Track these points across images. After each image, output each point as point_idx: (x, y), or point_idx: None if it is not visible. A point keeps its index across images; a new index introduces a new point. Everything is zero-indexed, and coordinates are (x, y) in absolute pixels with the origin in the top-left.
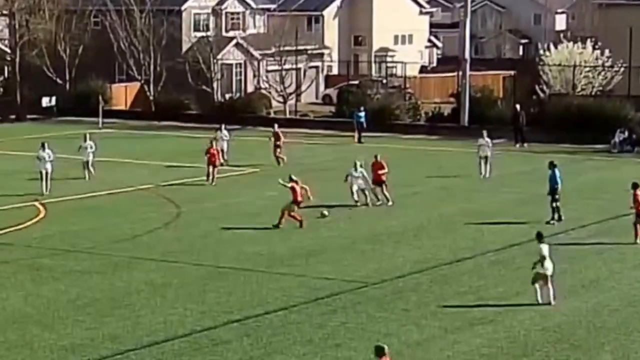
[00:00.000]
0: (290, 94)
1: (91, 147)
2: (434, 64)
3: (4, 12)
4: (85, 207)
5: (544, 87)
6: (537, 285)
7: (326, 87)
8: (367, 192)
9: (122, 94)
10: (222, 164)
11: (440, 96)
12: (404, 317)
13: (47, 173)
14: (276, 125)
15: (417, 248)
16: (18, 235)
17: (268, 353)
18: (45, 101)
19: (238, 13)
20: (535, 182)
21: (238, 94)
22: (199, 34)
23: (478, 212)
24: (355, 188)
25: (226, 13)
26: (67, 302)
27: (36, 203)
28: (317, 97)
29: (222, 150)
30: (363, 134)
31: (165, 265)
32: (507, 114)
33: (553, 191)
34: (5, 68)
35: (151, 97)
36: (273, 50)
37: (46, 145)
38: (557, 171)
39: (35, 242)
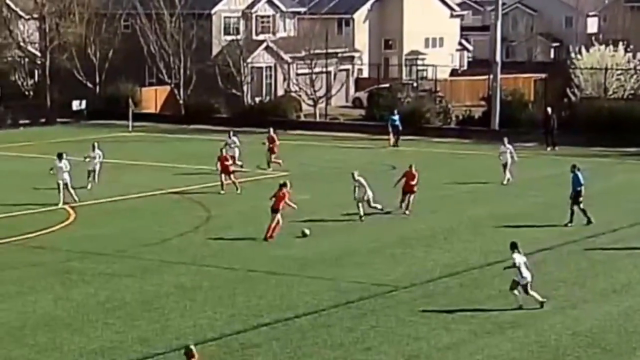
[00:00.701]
0: (321, 97)
1: (99, 157)
2: (465, 67)
3: (35, 15)
4: (115, 211)
5: (575, 91)
6: (515, 292)
7: (356, 90)
8: (360, 205)
9: (152, 98)
10: (241, 167)
11: (470, 99)
12: (433, 321)
13: (65, 184)
14: (271, 130)
15: (447, 251)
16: (48, 239)
17: (298, 356)
18: (75, 104)
19: (268, 16)
20: (566, 186)
21: (268, 98)
22: (229, 38)
23: (508, 215)
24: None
25: (256, 16)
26: (97, 305)
27: (66, 207)
28: (347, 101)
29: (234, 157)
30: (399, 137)
31: (195, 269)
32: (538, 117)
33: (576, 194)
34: (36, 71)
35: (181, 101)
36: (303, 53)
37: (64, 155)
38: (579, 174)
39: (65, 245)
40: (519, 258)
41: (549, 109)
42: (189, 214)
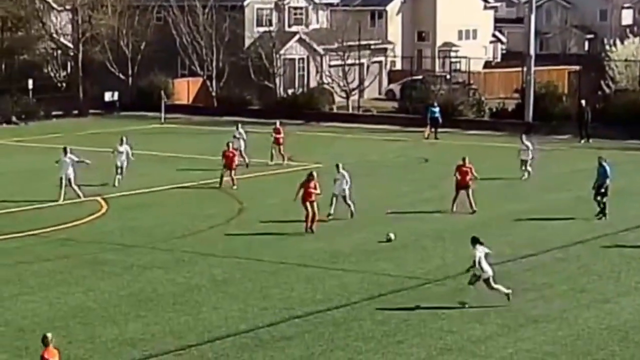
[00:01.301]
0: (353, 89)
1: (127, 152)
2: (498, 59)
3: (67, 7)
4: (147, 203)
5: (610, 83)
6: (472, 287)
7: (389, 82)
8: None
9: (185, 89)
10: (246, 164)
11: (504, 92)
12: (466, 314)
13: (68, 179)
14: (278, 122)
15: None
16: (80, 230)
17: (330, 349)
18: (107, 96)
19: (301, 8)
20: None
21: (300, 90)
22: (261, 29)
23: (541, 208)
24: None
25: (289, 8)
26: (129, 297)
27: (98, 198)
28: (380, 93)
29: (240, 150)
30: (438, 129)
31: (227, 261)
32: (572, 110)
33: (599, 187)
34: (68, 63)
35: (213, 93)
36: (336, 45)
37: (68, 150)
38: (607, 167)
39: (97, 237)
40: (479, 252)
41: (583, 102)
42: (221, 206)
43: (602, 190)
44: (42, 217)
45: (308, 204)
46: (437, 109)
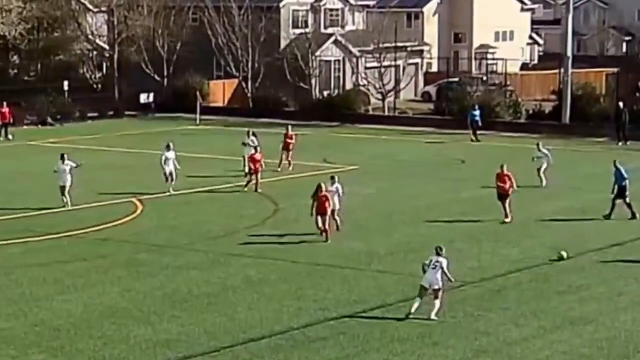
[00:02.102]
0: (389, 90)
1: (174, 158)
2: (535, 61)
3: (103, 8)
4: (182, 203)
5: None
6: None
7: (425, 84)
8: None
9: (220, 91)
10: (245, 173)
11: (541, 93)
12: (502, 316)
13: (64, 186)
14: (289, 127)
15: (516, 246)
16: (115, 231)
17: (365, 350)
18: (143, 97)
19: (337, 9)
20: (637, 181)
21: (336, 91)
22: (297, 31)
23: (578, 210)
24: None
25: (325, 9)
26: (163, 297)
27: (133, 199)
28: (416, 94)
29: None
30: (478, 132)
31: (262, 262)
32: (609, 111)
33: (620, 189)
34: (104, 64)
35: (249, 94)
36: (372, 47)
37: (66, 156)
38: (621, 169)
39: (132, 237)
40: (432, 261)
41: (621, 103)
42: (256, 207)
43: (626, 192)
44: (78, 217)
45: (319, 217)
46: (477, 112)
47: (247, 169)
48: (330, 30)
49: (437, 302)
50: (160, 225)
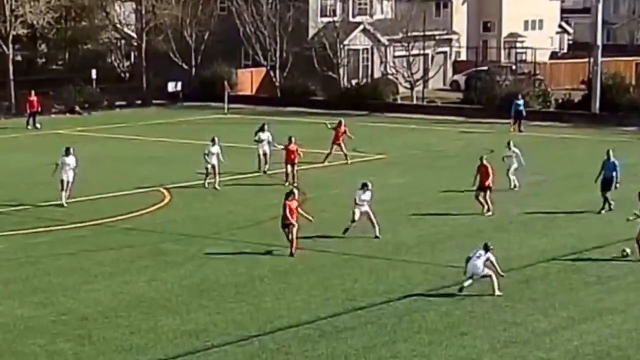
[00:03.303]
0: (418, 80)
1: (218, 153)
2: (565, 50)
3: None
4: (209, 193)
5: None
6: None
7: (454, 73)
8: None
9: (248, 80)
10: (264, 171)
11: (570, 83)
12: (531, 306)
13: (68, 182)
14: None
15: (545, 236)
16: (143, 220)
17: (392, 341)
18: (171, 86)
19: None
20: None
21: (364, 80)
22: (325, 20)
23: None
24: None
25: None
26: (191, 287)
27: (161, 188)
28: (444, 83)
29: (265, 155)
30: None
31: (289, 252)
32: (639, 101)
33: (608, 181)
34: (132, 53)
35: (277, 83)
36: (400, 35)
37: (71, 150)
38: (614, 161)
39: (159, 227)
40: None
41: None
42: (282, 197)
43: (609, 184)
44: (106, 206)
45: (285, 228)
46: (521, 102)
47: (262, 166)
48: (358, 19)
49: (494, 279)
50: (187, 215)
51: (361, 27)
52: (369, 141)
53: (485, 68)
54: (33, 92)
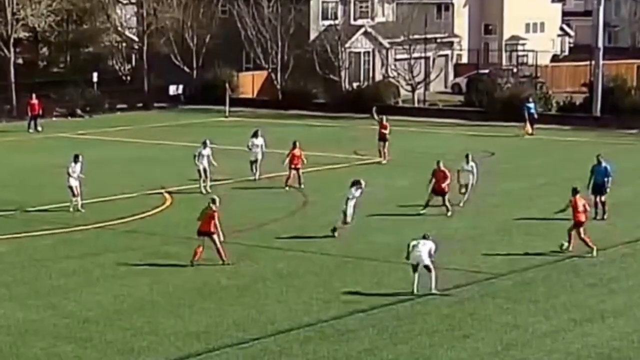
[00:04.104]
0: (419, 82)
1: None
2: (566, 53)
3: (132, 0)
4: (210, 196)
5: None
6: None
7: (455, 76)
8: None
9: (249, 83)
10: (254, 179)
11: (572, 85)
12: (532, 309)
13: (70, 186)
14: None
15: (547, 239)
16: (145, 223)
17: (394, 343)
18: (172, 89)
19: (366, 1)
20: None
21: (366, 83)
22: (326, 23)
23: (609, 203)
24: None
25: (354, 1)
26: (193, 289)
27: (162, 191)
28: (446, 86)
29: (255, 162)
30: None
31: (291, 254)
32: None
33: (600, 186)
34: (133, 56)
35: (278, 86)
36: (402, 38)
37: (80, 158)
38: (605, 165)
39: (161, 230)
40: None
41: None
42: (285, 199)
43: (601, 189)
44: (108, 209)
45: (204, 236)
46: (532, 104)
47: (257, 175)
48: (359, 22)
49: (433, 275)
50: (189, 218)
51: (362, 30)
52: (371, 144)
53: (486, 71)
54: (34, 95)
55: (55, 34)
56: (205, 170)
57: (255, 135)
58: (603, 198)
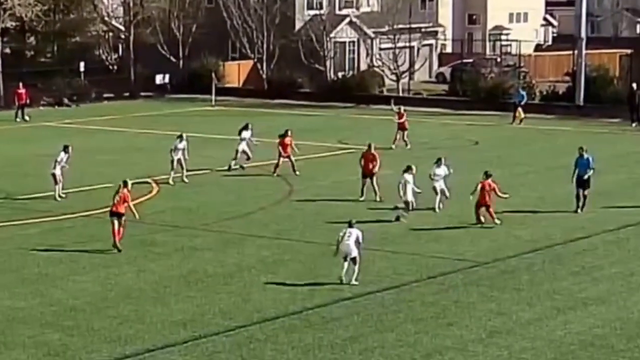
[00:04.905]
0: (404, 72)
1: (185, 149)
2: (549, 43)
3: None
4: (197, 184)
5: None
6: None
7: (440, 65)
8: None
9: (235, 72)
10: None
11: (555, 75)
12: (516, 296)
13: (59, 175)
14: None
15: (530, 227)
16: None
17: (379, 331)
18: (158, 79)
19: None
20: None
21: (351, 72)
22: (312, 12)
23: (592, 192)
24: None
25: None
26: (179, 277)
27: (149, 180)
28: (430, 76)
29: (243, 152)
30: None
31: (276, 243)
32: (623, 93)
33: (584, 179)
34: (120, 46)
35: (264, 75)
36: (386, 28)
37: (70, 149)
38: (588, 157)
39: (148, 218)
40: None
41: (634, 85)
42: (271, 188)
43: (585, 182)
44: (94, 198)
45: (114, 217)
46: (524, 93)
47: (232, 162)
48: (345, 12)
49: (356, 268)
50: (175, 206)
51: (347, 19)
52: (356, 133)
53: (470, 60)
54: (22, 85)
55: (42, 24)
56: (179, 161)
57: (245, 127)
58: (586, 192)
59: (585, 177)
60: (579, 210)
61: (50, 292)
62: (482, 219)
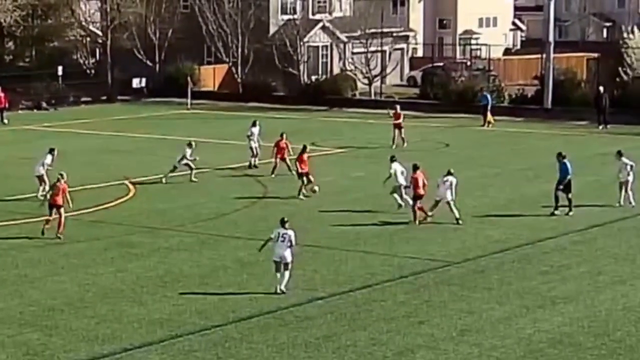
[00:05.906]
0: (376, 76)
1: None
2: (518, 47)
3: None
4: (173, 187)
5: (628, 70)
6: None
7: (411, 69)
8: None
9: (211, 76)
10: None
11: (523, 78)
12: (486, 296)
13: (43, 176)
14: (398, 107)
15: (500, 227)
16: (108, 213)
17: (352, 329)
18: (135, 82)
19: None
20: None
21: (324, 76)
22: (286, 17)
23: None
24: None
25: None
26: (156, 278)
27: (126, 182)
28: (401, 79)
29: (254, 149)
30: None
31: (252, 243)
32: (590, 96)
33: (568, 182)
34: (97, 50)
35: (239, 79)
36: (359, 33)
37: (55, 152)
38: (567, 162)
39: (125, 220)
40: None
41: (601, 88)
42: (246, 190)
43: (562, 186)
44: (73, 199)
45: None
46: (489, 95)
47: (252, 161)
48: (318, 17)
49: (287, 274)
50: (152, 208)
51: (321, 24)
52: (330, 135)
53: (441, 64)
54: (0, 89)
55: (21, 29)
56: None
57: (254, 124)
58: (569, 195)
59: (565, 181)
60: (556, 212)
61: (29, 292)
62: (430, 212)
